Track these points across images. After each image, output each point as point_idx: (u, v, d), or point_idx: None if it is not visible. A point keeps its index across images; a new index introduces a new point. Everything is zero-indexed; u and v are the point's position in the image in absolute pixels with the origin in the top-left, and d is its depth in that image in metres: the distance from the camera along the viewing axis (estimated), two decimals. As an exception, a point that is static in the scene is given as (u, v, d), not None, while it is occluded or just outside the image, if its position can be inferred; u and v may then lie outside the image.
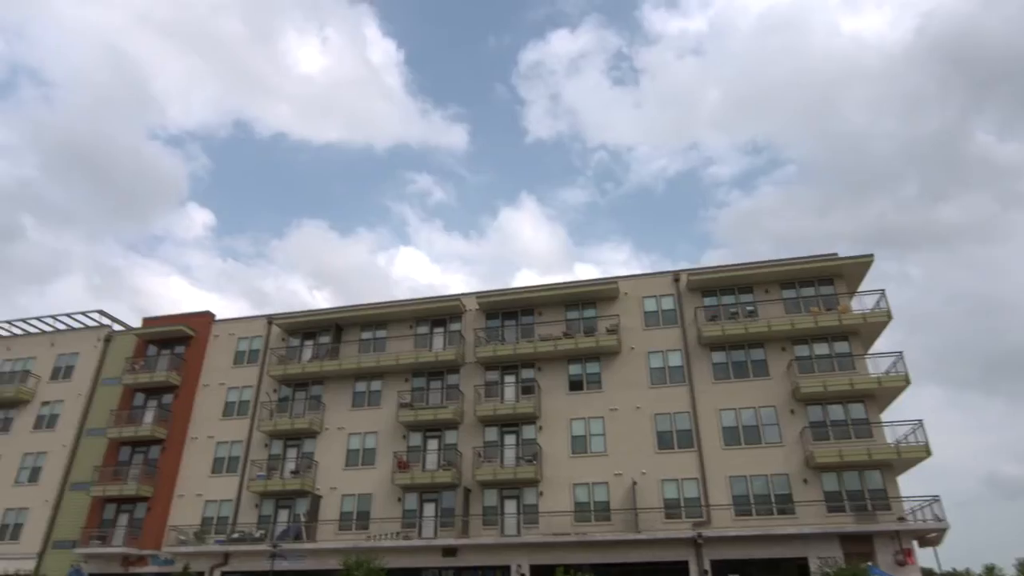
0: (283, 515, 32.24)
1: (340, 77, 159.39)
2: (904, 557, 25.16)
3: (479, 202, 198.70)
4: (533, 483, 29.83)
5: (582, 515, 28.93)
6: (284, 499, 32.53)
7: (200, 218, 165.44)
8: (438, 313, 35.36)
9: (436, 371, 33.98)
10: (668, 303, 32.83)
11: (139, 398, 36.91)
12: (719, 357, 30.95)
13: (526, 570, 27.72)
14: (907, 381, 27.80)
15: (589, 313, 33.55)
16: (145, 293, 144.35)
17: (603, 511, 28.77)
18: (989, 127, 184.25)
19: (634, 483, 28.57)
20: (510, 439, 31.47)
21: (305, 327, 36.83)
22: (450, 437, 32.17)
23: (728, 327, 30.55)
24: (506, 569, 28.10)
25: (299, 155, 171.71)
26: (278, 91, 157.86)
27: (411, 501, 31.04)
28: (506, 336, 33.87)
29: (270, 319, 37.52)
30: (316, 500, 31.76)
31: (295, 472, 32.61)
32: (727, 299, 32.22)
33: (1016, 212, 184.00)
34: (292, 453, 33.74)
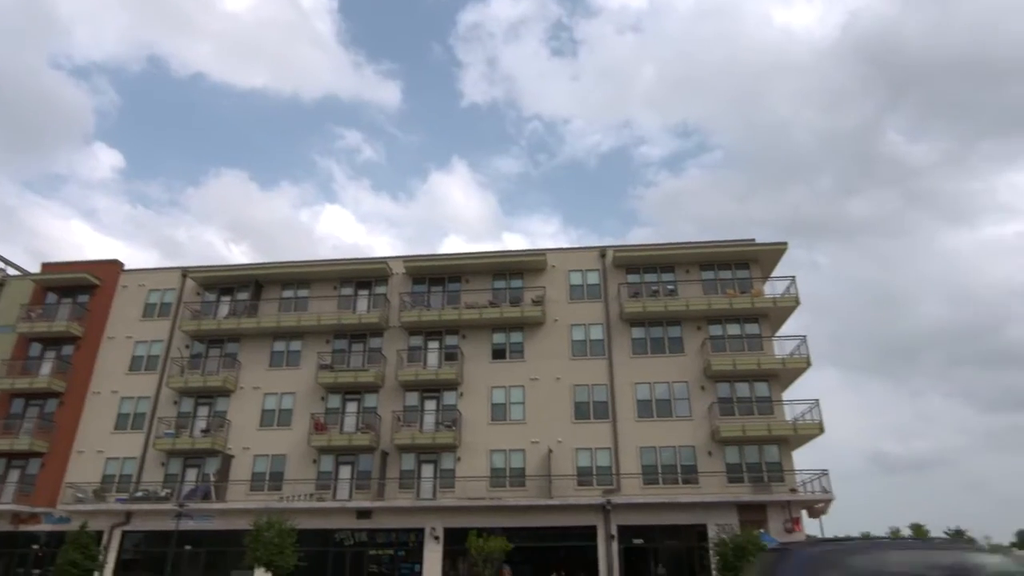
0: (191, 474, 31.31)
1: (267, 17, 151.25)
2: (792, 525, 27.19)
3: (409, 163, 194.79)
4: (451, 448, 30.15)
5: (498, 481, 29.55)
6: (193, 458, 31.56)
7: (107, 159, 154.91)
8: (363, 275, 34.75)
9: (359, 334, 33.52)
10: (593, 278, 33.49)
11: (35, 348, 34.65)
12: (638, 333, 31.98)
13: (440, 533, 28.18)
14: (808, 363, 29.66)
15: (516, 283, 33.82)
16: (43, 236, 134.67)
17: (518, 477, 29.47)
18: (901, 127, 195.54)
19: (550, 451, 29.37)
20: (431, 404, 31.60)
21: (223, 282, 35.42)
22: (370, 400, 31.98)
23: (649, 304, 31.55)
24: (420, 532, 28.47)
25: (220, 99, 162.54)
26: (199, 27, 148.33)
27: (327, 463, 30.79)
28: (432, 302, 33.74)
29: (185, 272, 35.83)
30: (227, 460, 30.99)
31: (206, 431, 31.63)
32: (650, 277, 33.19)
33: (917, 210, 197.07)
34: (203, 411, 32.65)
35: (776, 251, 32.53)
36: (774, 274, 33.07)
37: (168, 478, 31.27)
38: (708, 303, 31.24)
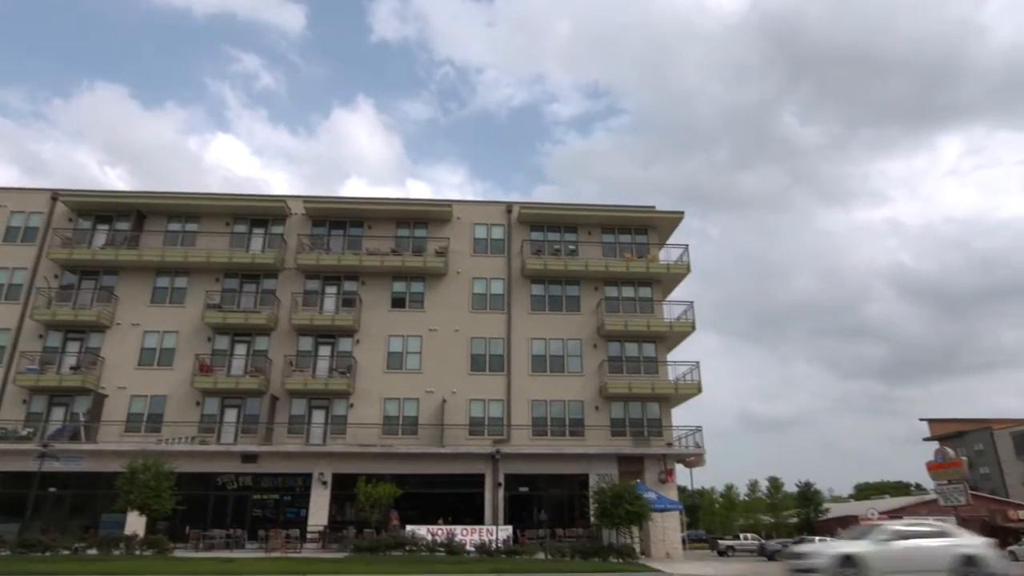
0: (58, 414, 29.24)
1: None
2: (666, 476, 29.26)
3: (311, 97, 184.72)
4: (345, 395, 29.86)
5: (390, 428, 29.66)
6: (60, 396, 29.41)
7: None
8: (259, 213, 33.09)
9: (251, 274, 32.08)
10: (498, 232, 33.64)
11: None
12: (538, 290, 32.63)
13: (328, 478, 28.08)
14: (693, 328, 31.52)
15: (420, 232, 33.41)
16: None
17: (411, 426, 29.72)
18: (795, 109, 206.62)
19: (444, 401, 29.74)
20: (325, 350, 30.99)
21: (100, 209, 32.63)
22: (261, 343, 30.91)
23: (550, 262, 32.19)
24: (308, 477, 28.24)
25: (98, 2, 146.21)
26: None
27: (211, 406, 29.66)
28: (332, 246, 32.74)
29: (55, 194, 32.65)
30: (100, 399, 29.14)
31: (76, 368, 29.50)
32: (553, 236, 33.76)
33: (800, 189, 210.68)
34: (74, 347, 30.36)
35: (673, 220, 33.93)
36: (669, 242, 34.55)
37: (31, 417, 29.01)
38: (606, 265, 32.28)
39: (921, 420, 79.65)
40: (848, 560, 13.08)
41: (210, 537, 25.79)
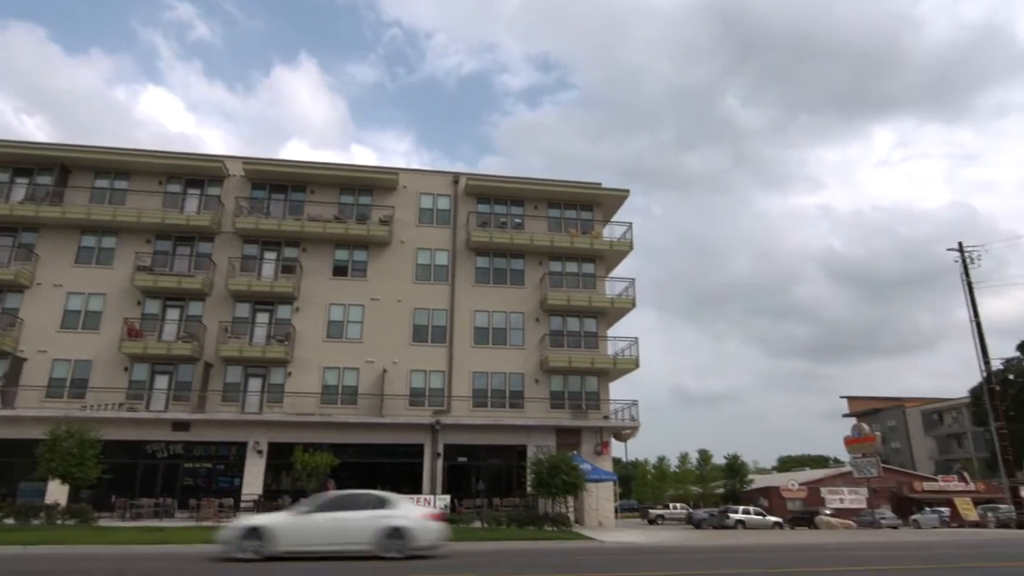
0: (-29, 376, 27.63)
1: None
2: (602, 448, 30.07)
3: (250, 52, 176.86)
4: (282, 363, 29.28)
5: (329, 398, 29.33)
6: (-26, 358, 27.78)
7: None
8: (195, 172, 31.72)
9: (186, 236, 30.85)
10: (444, 203, 33.33)
11: None
12: (483, 262, 32.60)
13: (264, 447, 27.63)
14: (633, 304, 32.22)
15: (364, 200, 32.76)
16: None
17: (351, 395, 29.45)
18: (738, 91, 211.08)
19: (384, 371, 29.57)
20: (263, 317, 30.25)
21: (18, 160, 30.59)
22: (194, 308, 29.89)
23: (496, 235, 32.17)
24: (242, 445, 27.70)
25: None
26: None
27: (140, 372, 28.60)
28: (272, 210, 31.77)
29: (-33, 143, 30.39)
30: (18, 363, 27.67)
31: (-9, 329, 27.85)
32: (499, 208, 33.69)
33: (741, 171, 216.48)
34: (-11, 307, 28.63)
35: (619, 197, 34.35)
36: (614, 219, 35.00)
37: (-60, 379, 27.34)
38: (551, 240, 32.49)
39: (841, 397, 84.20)
40: (253, 532, 12.40)
41: (138, 506, 25.09)
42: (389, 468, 28.48)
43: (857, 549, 16.69)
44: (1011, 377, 43.21)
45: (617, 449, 35.20)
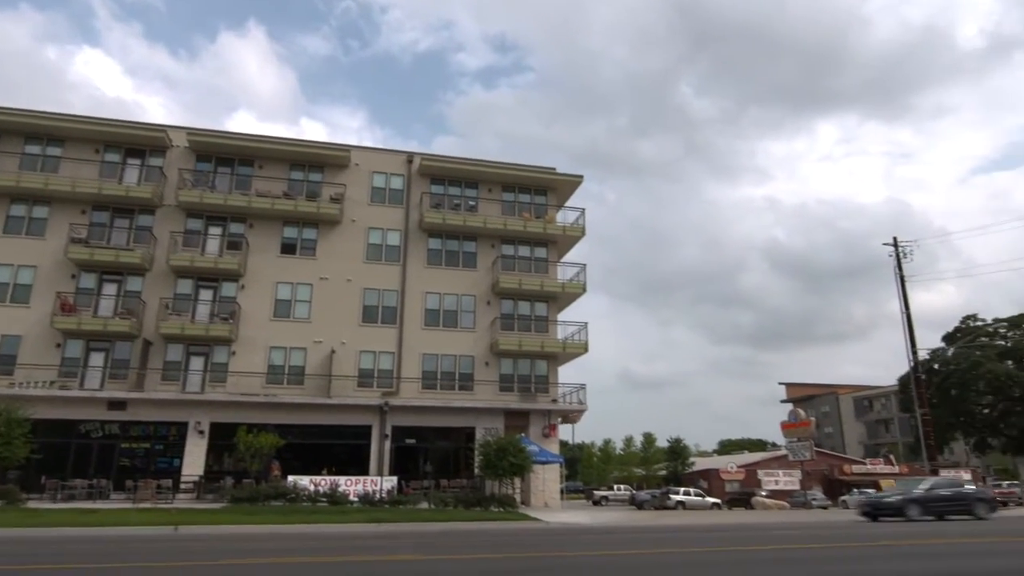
0: None
1: None
2: (549, 431, 30.50)
3: (194, 15, 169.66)
4: (227, 342, 28.56)
5: (275, 378, 28.79)
6: None
7: None
8: (136, 142, 30.40)
9: (125, 208, 29.59)
10: (397, 183, 32.89)
11: None
12: (435, 244, 32.39)
13: (205, 427, 26.98)
14: (584, 290, 32.60)
15: (315, 177, 32.04)
16: None
17: (297, 376, 28.98)
18: (692, 80, 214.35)
19: (333, 351, 29.17)
20: (206, 294, 29.38)
21: (-61, 122, 28.71)
22: (133, 284, 28.81)
23: (449, 216, 31.97)
24: (183, 425, 26.99)
25: None
26: None
27: (74, 348, 27.47)
28: (218, 184, 30.76)
29: None
30: (-61, 336, 26.17)
31: (-91, 300, 26.25)
32: (453, 190, 33.47)
33: (693, 160, 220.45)
34: (-94, 277, 26.95)
35: (573, 183, 34.54)
36: (568, 204, 35.20)
37: None
38: (504, 223, 32.49)
39: (780, 384, 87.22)
40: None
41: (70, 488, 24.15)
42: (336, 449, 28.23)
43: (787, 528, 17.44)
44: (936, 367, 45.61)
45: (564, 432, 35.79)
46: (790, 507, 37.76)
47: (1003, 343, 46.13)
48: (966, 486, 21.42)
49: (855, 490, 46.15)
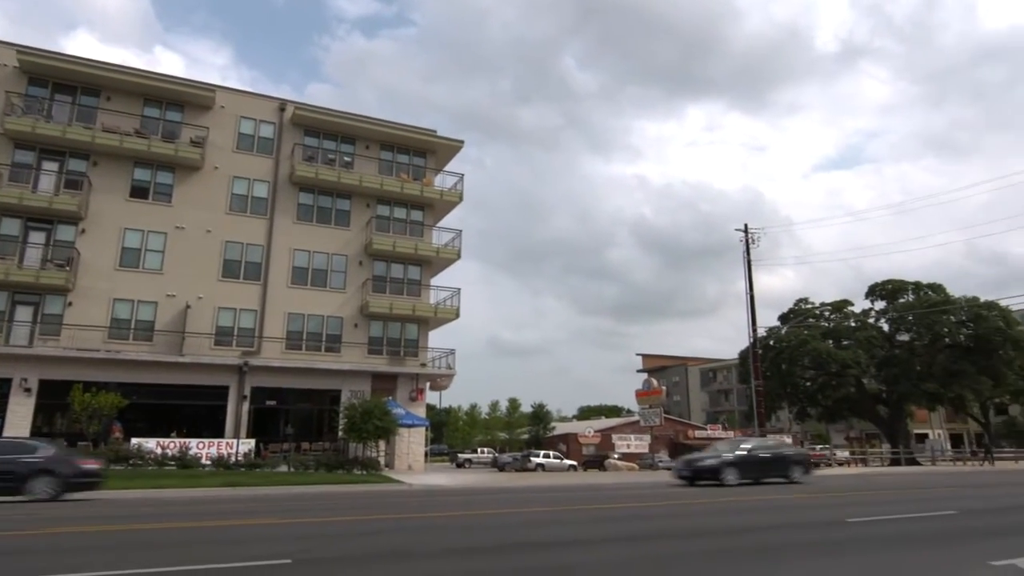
0: None
1: None
2: (417, 395, 30.58)
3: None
4: (62, 291, 25.78)
5: (119, 332, 26.45)
6: None
7: None
8: (-50, 55, 26.24)
9: (-66, 131, 25.60)
10: (267, 131, 30.93)
11: None
12: (306, 199, 30.97)
13: (33, 385, 24.38)
14: (458, 255, 32.65)
15: (173, 116, 29.37)
16: None
17: (146, 331, 26.82)
18: (576, 52, 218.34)
19: (188, 307, 27.27)
20: (38, 237, 26.29)
21: None
22: (-55, 220, 25.14)
23: (323, 171, 30.63)
24: (7, 383, 24.21)
25: None
26: None
27: None
28: (55, 113, 27.35)
29: None
30: None
31: None
32: (328, 144, 32.04)
33: (571, 132, 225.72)
34: None
35: (453, 147, 34.23)
36: (447, 168, 34.90)
37: None
38: (381, 183, 31.65)
39: (637, 355, 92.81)
40: None
41: None
42: (189, 411, 26.61)
43: (629, 488, 18.82)
44: (771, 343, 50.42)
45: (431, 396, 36.00)
46: (639, 468, 40.62)
47: (826, 324, 51.84)
48: (785, 449, 23.67)
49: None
